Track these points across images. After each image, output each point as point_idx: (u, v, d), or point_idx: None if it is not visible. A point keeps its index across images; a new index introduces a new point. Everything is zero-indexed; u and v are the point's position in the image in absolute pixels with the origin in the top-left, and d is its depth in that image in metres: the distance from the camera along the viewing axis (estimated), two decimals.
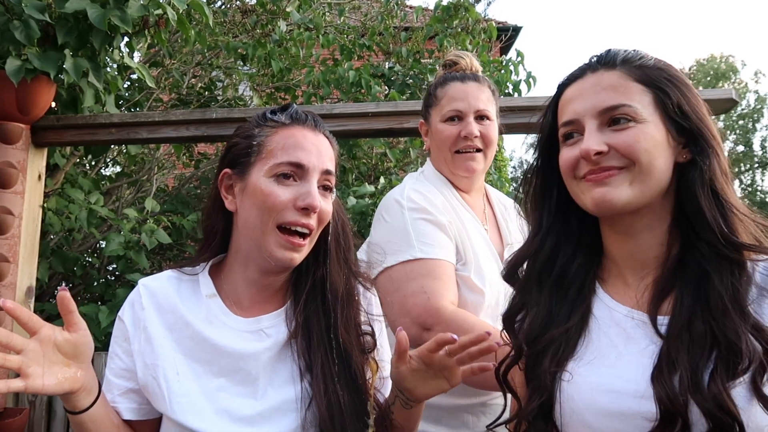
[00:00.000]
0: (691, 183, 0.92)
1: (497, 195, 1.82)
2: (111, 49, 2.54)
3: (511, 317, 1.07)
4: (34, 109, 2.40)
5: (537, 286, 1.04)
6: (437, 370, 1.06)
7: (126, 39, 2.66)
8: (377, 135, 2.72)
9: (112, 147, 3.87)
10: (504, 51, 9.05)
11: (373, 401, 1.11)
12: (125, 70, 2.98)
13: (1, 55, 2.31)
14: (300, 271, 1.15)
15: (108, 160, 4.49)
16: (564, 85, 1.02)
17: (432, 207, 1.54)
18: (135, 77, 3.83)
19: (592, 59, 1.01)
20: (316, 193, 1.06)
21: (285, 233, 1.06)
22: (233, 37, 4.50)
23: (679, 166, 0.94)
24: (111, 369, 1.11)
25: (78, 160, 3.59)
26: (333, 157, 1.14)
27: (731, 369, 0.81)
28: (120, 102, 3.69)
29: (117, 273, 4.00)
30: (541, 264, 1.04)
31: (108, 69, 2.80)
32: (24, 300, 2.48)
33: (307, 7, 4.71)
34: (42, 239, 2.72)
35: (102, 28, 2.27)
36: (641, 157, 0.91)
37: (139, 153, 3.94)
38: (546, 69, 28.16)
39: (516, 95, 4.61)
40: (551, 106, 1.05)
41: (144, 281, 1.15)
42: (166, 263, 4.15)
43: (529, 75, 4.69)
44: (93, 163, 4.16)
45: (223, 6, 4.85)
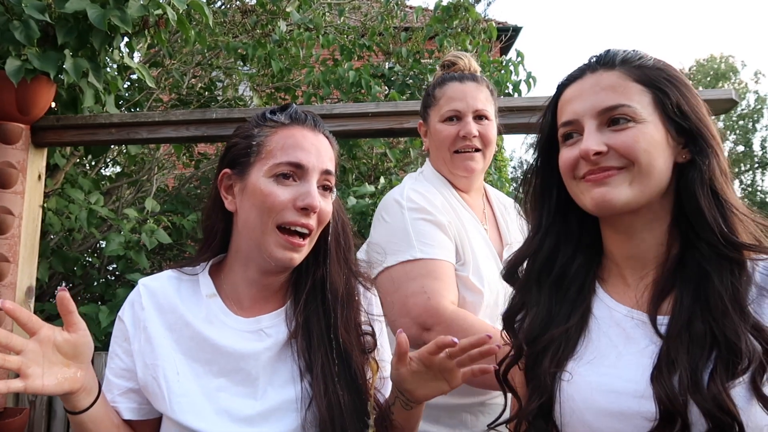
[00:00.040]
0: (691, 183, 0.92)
1: (497, 195, 1.83)
2: (111, 50, 2.54)
3: (511, 317, 1.07)
4: (34, 110, 2.40)
5: (537, 285, 1.04)
6: (437, 371, 1.06)
7: (126, 39, 2.66)
8: (377, 135, 2.72)
9: (112, 147, 3.87)
10: (504, 51, 9.04)
11: (374, 401, 1.11)
12: (125, 70, 2.98)
13: (1, 55, 2.31)
14: (300, 271, 1.15)
15: (108, 160, 4.49)
16: (563, 86, 1.02)
17: (432, 207, 1.54)
18: (135, 77, 3.83)
19: (591, 59, 1.01)
20: (315, 193, 1.06)
21: (285, 233, 1.06)
22: (233, 38, 4.49)
23: (679, 166, 0.94)
24: (111, 369, 1.11)
25: (78, 160, 3.59)
26: (333, 157, 1.13)
27: (731, 369, 0.81)
28: (120, 102, 3.69)
29: (117, 273, 4.01)
30: (541, 264, 1.04)
31: (108, 69, 2.79)
32: (24, 300, 2.48)
33: (307, 8, 4.70)
34: (42, 239, 2.72)
35: (102, 28, 2.27)
36: (641, 157, 0.91)
37: (139, 153, 3.94)
38: (546, 69, 28.22)
39: (516, 95, 4.61)
40: (551, 106, 1.05)
41: (144, 281, 1.15)
42: (166, 263, 4.15)
43: (529, 75, 4.69)
44: (93, 163, 4.16)
45: (223, 6, 4.85)
